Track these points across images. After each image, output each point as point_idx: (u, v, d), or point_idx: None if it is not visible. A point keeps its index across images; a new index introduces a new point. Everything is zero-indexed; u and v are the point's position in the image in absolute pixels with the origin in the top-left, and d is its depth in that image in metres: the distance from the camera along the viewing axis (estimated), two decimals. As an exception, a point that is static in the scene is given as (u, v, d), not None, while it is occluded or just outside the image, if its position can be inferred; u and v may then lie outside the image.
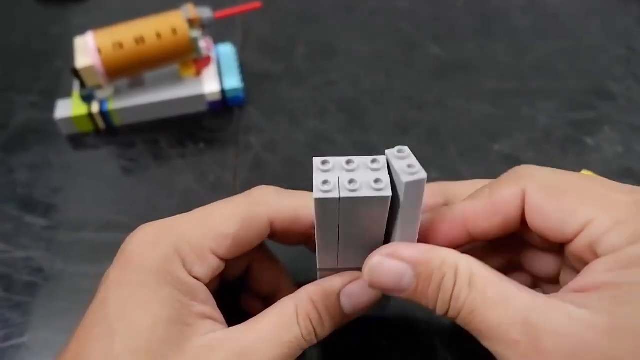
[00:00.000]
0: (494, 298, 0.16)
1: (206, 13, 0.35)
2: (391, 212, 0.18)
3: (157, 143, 0.36)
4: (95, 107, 0.35)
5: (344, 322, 0.20)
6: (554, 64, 0.40)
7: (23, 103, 0.38)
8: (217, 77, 0.37)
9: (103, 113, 0.36)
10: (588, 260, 0.17)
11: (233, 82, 0.37)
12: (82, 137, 0.36)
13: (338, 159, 0.17)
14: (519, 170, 0.20)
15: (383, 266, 0.18)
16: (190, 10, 0.35)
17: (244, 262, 0.24)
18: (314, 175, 0.17)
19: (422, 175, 0.16)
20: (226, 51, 0.39)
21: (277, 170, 0.34)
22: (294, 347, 0.19)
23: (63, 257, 0.30)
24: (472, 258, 0.18)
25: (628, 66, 0.39)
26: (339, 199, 0.16)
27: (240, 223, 0.20)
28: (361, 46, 0.42)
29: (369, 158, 0.17)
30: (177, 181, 0.33)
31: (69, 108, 0.36)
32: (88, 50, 0.33)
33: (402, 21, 0.44)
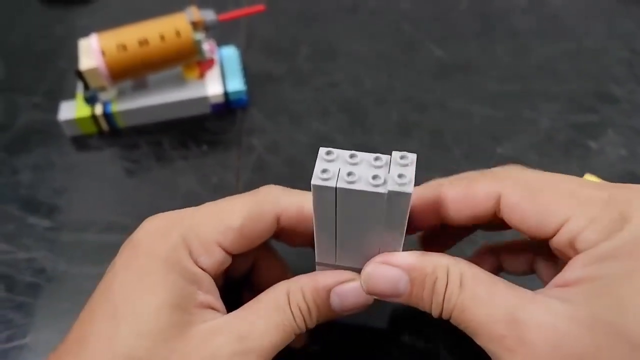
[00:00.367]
0: (483, 297, 0.17)
1: (210, 16, 0.35)
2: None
3: (160, 145, 0.36)
4: (98, 109, 0.36)
5: (332, 318, 0.21)
6: (556, 66, 0.40)
7: (27, 104, 0.39)
8: (220, 80, 0.37)
9: (106, 115, 0.36)
10: (570, 254, 0.18)
11: (236, 85, 0.37)
12: (86, 139, 0.36)
13: (343, 152, 0.18)
14: (499, 171, 0.21)
15: (379, 273, 0.19)
16: (194, 12, 0.35)
17: (250, 260, 0.24)
18: (317, 162, 0.17)
19: (407, 189, 0.17)
20: (229, 53, 0.39)
21: (280, 171, 0.34)
22: (288, 332, 0.19)
23: (66, 258, 0.30)
24: (463, 260, 0.19)
25: (631, 69, 0.39)
26: (336, 189, 0.17)
27: (247, 218, 0.20)
28: (363, 47, 0.42)
29: (373, 155, 0.18)
30: (180, 183, 0.33)
31: (73, 110, 0.36)
32: (92, 52, 0.33)
33: (404, 22, 0.44)
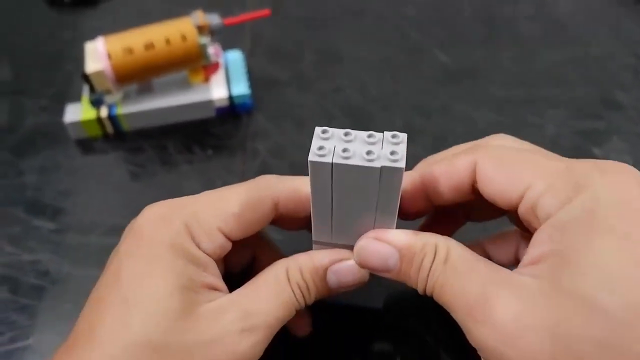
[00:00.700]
0: (462, 272, 0.18)
1: (215, 20, 0.35)
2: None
3: (165, 149, 0.36)
4: (104, 112, 0.36)
5: (330, 295, 0.22)
6: (562, 72, 0.39)
7: (33, 107, 0.39)
8: (225, 83, 0.37)
9: (112, 118, 0.36)
10: (534, 224, 0.18)
11: (241, 89, 0.37)
12: (91, 142, 0.36)
13: (338, 130, 0.18)
14: (478, 142, 0.22)
15: (370, 249, 0.20)
16: (199, 17, 0.35)
17: (249, 252, 0.25)
18: (313, 140, 0.18)
19: (400, 165, 0.17)
20: (234, 57, 0.39)
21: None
22: (290, 308, 0.21)
23: (70, 261, 0.30)
24: (453, 240, 0.19)
25: (637, 75, 0.39)
26: (332, 164, 0.18)
27: (247, 204, 0.21)
28: (368, 53, 0.42)
29: (366, 133, 0.18)
30: (185, 187, 0.34)
31: (78, 112, 0.36)
32: (98, 55, 0.33)
33: (409, 28, 0.44)
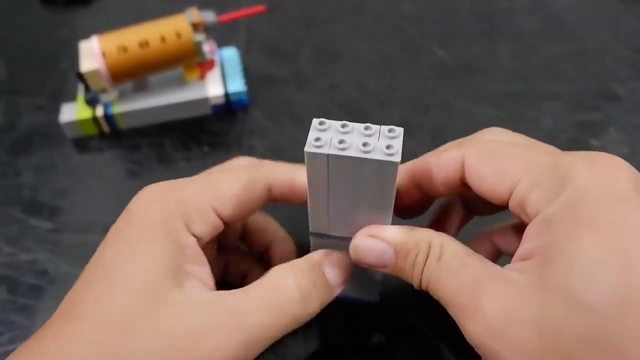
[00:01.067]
0: (455, 268, 0.18)
1: (210, 17, 0.35)
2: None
3: (162, 146, 0.36)
4: (99, 111, 0.36)
5: (333, 295, 0.21)
6: (559, 66, 0.39)
7: (29, 106, 0.39)
8: (221, 81, 0.37)
9: (107, 116, 0.36)
10: (525, 220, 0.18)
11: (237, 86, 0.37)
12: (87, 141, 0.36)
13: (335, 122, 0.18)
14: (470, 137, 0.22)
15: (365, 245, 0.20)
16: (194, 14, 0.35)
17: (240, 226, 0.25)
18: (310, 132, 0.18)
19: (395, 159, 0.17)
20: (230, 54, 0.39)
21: (281, 173, 0.34)
22: (288, 314, 0.19)
23: (68, 260, 0.30)
24: (446, 235, 0.19)
25: (633, 67, 0.39)
26: (328, 155, 0.18)
27: (242, 186, 0.21)
28: (366, 49, 0.42)
29: (363, 125, 0.18)
30: (181, 184, 0.33)
31: (74, 112, 0.36)
32: (93, 54, 0.33)
33: (406, 24, 0.44)
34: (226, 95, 0.37)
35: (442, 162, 0.21)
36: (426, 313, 0.27)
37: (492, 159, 0.19)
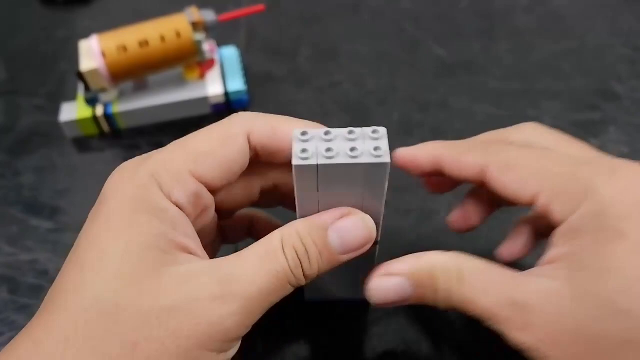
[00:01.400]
0: (481, 287, 0.19)
1: (210, 16, 0.35)
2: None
3: (162, 146, 0.36)
4: (99, 110, 0.36)
5: (333, 264, 0.19)
6: (559, 64, 0.39)
7: (29, 106, 0.39)
8: (221, 80, 0.37)
9: (107, 116, 0.36)
10: (550, 226, 0.19)
11: (236, 85, 0.37)
12: (87, 140, 0.36)
13: (317, 131, 0.18)
14: (495, 136, 0.23)
15: (383, 286, 0.20)
16: (193, 13, 0.35)
17: (245, 225, 0.24)
18: (294, 144, 0.18)
19: (385, 160, 0.17)
20: (230, 54, 0.39)
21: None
22: (281, 278, 0.18)
23: (68, 260, 0.30)
24: (458, 255, 0.20)
25: (633, 66, 0.39)
26: (317, 166, 0.17)
27: (216, 141, 0.19)
28: (365, 47, 0.42)
29: (346, 130, 0.18)
30: (182, 183, 0.33)
31: (74, 111, 0.36)
32: (92, 53, 0.33)
33: (406, 22, 0.44)
34: (226, 94, 0.37)
35: (463, 166, 0.21)
36: (424, 309, 0.27)
37: (512, 172, 0.20)
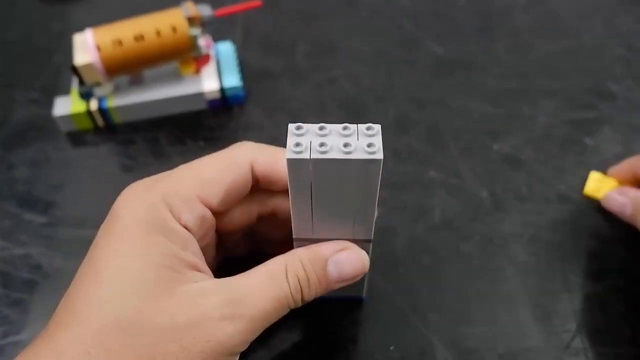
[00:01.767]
0: None
1: (206, 11, 0.35)
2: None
3: (157, 141, 0.36)
4: (93, 105, 0.35)
5: (329, 289, 0.21)
6: (555, 64, 0.39)
7: (23, 100, 0.38)
8: (217, 75, 0.37)
9: (102, 110, 0.35)
10: None
11: (232, 81, 0.37)
12: (82, 135, 0.36)
13: (312, 126, 0.18)
14: None
15: (614, 197, 0.29)
16: (190, 8, 0.35)
17: (239, 232, 0.24)
18: (288, 138, 0.18)
19: (378, 156, 0.17)
20: (226, 49, 0.39)
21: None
22: (283, 303, 0.19)
23: (62, 254, 0.30)
24: None
25: (628, 66, 0.39)
26: (310, 160, 0.17)
27: (223, 169, 0.21)
28: (362, 44, 0.42)
29: (341, 126, 0.18)
30: (177, 179, 0.33)
31: (68, 105, 0.36)
32: (87, 47, 0.33)
33: (403, 19, 0.44)
34: (222, 90, 0.36)
35: None
36: (418, 305, 0.27)
37: None
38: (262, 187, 0.22)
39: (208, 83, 0.37)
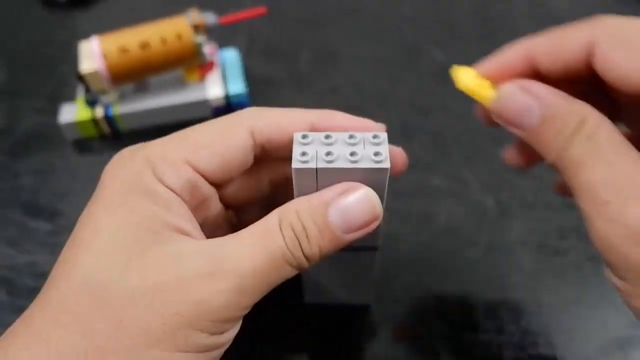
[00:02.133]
0: (607, 155, 0.16)
1: (211, 18, 0.35)
2: None
3: (162, 148, 0.36)
4: (99, 112, 0.36)
5: (336, 244, 0.18)
6: (559, 69, 0.39)
7: (28, 108, 0.39)
8: (222, 82, 0.37)
9: (107, 118, 0.36)
10: None
11: (237, 87, 0.37)
12: (87, 142, 0.36)
13: (318, 134, 0.18)
14: (594, 19, 0.19)
15: (515, 97, 0.18)
16: (195, 15, 0.35)
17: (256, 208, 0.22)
18: (294, 147, 0.18)
19: (385, 165, 0.17)
20: (230, 56, 0.39)
21: (281, 175, 0.34)
22: (278, 259, 0.17)
23: (67, 262, 0.30)
24: (606, 118, 0.17)
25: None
26: (316, 169, 0.17)
27: (216, 134, 0.19)
28: (365, 51, 0.42)
29: (347, 134, 0.18)
30: (181, 186, 0.33)
31: (74, 113, 0.36)
32: (93, 55, 0.33)
33: (406, 26, 0.44)
34: (227, 97, 0.37)
35: (565, 47, 0.18)
36: (424, 313, 0.27)
37: (628, 45, 0.17)
38: (271, 155, 0.20)
39: (213, 90, 0.37)
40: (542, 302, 0.27)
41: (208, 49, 0.36)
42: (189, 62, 0.36)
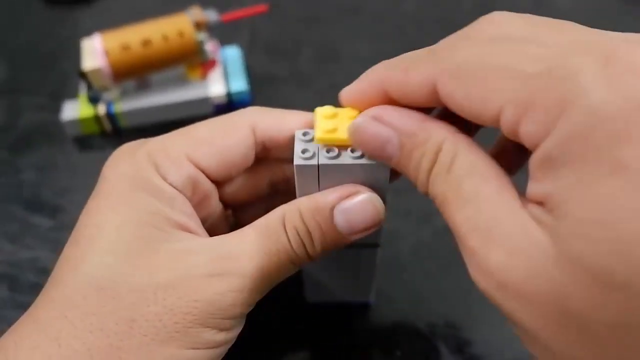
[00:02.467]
0: (466, 196, 0.14)
1: (213, 16, 0.35)
2: None
3: (163, 145, 0.36)
4: (101, 109, 0.36)
5: (340, 243, 0.18)
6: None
7: (30, 105, 0.39)
8: (223, 80, 0.37)
9: (109, 115, 0.36)
10: (528, 146, 0.14)
11: (239, 85, 0.37)
12: (89, 139, 0.36)
13: None
14: (437, 50, 0.17)
15: (367, 128, 0.16)
16: (196, 13, 0.35)
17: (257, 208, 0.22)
18: (295, 144, 0.18)
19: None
20: (232, 54, 0.39)
21: (282, 173, 0.34)
22: (282, 258, 0.17)
23: (69, 258, 0.30)
24: (465, 139, 0.15)
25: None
26: (318, 166, 0.17)
27: (217, 130, 0.19)
28: (367, 49, 0.42)
29: None
30: (183, 183, 0.33)
31: (76, 110, 0.36)
32: (95, 52, 0.33)
33: (408, 24, 0.44)
34: (228, 94, 0.37)
35: (411, 86, 0.16)
36: (424, 310, 0.27)
37: (468, 82, 0.15)
38: (272, 155, 0.21)
39: (214, 87, 0.37)
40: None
41: (210, 47, 0.36)
42: (191, 60, 0.36)
